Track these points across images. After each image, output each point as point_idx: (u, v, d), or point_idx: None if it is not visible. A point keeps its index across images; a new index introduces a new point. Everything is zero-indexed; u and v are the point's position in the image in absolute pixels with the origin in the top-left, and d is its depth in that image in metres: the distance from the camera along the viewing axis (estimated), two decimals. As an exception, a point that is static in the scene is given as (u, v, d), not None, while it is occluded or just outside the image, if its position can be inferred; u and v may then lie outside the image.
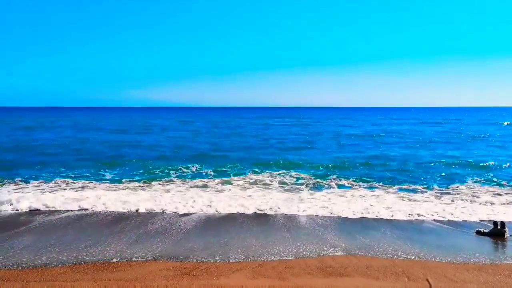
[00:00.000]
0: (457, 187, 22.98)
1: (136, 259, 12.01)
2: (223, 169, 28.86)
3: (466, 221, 16.43)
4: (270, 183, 24.01)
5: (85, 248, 12.93)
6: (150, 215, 17.16)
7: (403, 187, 22.91)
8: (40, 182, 23.76)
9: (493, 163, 29.70)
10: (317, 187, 22.88)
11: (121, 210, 18.01)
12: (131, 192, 21.38)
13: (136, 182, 24.06)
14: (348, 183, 23.76)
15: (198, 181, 24.35)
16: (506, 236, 14.31)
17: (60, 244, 13.32)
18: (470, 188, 22.69)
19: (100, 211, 17.82)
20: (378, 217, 16.98)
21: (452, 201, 19.69)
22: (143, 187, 22.79)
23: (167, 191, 21.83)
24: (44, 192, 21.04)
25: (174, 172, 27.59)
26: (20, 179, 24.63)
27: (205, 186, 23.05)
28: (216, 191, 21.87)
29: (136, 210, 17.94)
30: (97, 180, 24.49)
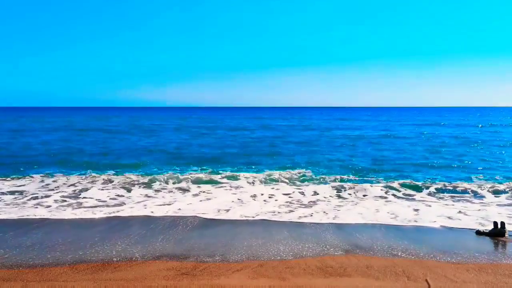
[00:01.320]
0: (460, 188, 22.96)
1: (136, 259, 12.01)
2: (230, 171, 28.85)
3: (466, 221, 16.44)
4: (278, 184, 24.04)
5: (85, 248, 12.92)
6: (151, 217, 17.20)
7: (405, 185, 22.96)
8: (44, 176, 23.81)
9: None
10: (318, 191, 22.88)
11: (127, 213, 18.04)
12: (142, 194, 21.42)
13: (138, 176, 24.13)
14: (351, 186, 23.75)
15: (205, 182, 24.43)
16: (506, 236, 14.33)
17: (61, 244, 13.32)
18: (473, 189, 22.66)
19: (102, 216, 17.85)
20: (380, 218, 16.98)
21: (453, 203, 19.73)
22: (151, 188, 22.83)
23: (183, 192, 21.91)
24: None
25: (188, 174, 27.52)
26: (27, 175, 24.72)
27: (208, 184, 23.10)
28: (226, 190, 21.92)
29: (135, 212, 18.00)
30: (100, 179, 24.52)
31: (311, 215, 17.25)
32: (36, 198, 19.95)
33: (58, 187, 22.57)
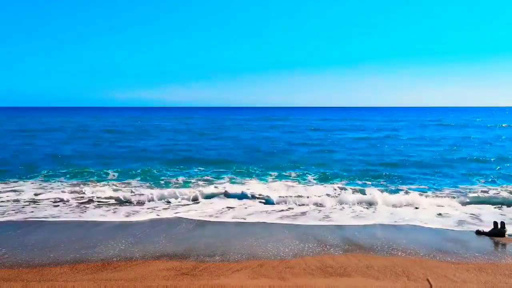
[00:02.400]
0: (461, 188, 22.94)
1: (136, 259, 12.03)
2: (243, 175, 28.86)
3: (466, 221, 16.44)
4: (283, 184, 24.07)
5: (86, 248, 12.94)
6: (151, 218, 17.25)
7: (411, 189, 22.97)
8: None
9: None
10: (320, 191, 22.82)
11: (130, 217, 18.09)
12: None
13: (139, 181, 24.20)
14: (352, 187, 23.76)
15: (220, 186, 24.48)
16: (506, 236, 14.32)
17: (62, 244, 13.35)
18: (475, 190, 22.65)
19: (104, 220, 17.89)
20: (380, 218, 16.99)
21: (453, 203, 19.71)
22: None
23: (184, 193, 21.93)
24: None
25: (190, 176, 27.46)
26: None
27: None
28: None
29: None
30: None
31: (312, 215, 17.28)
32: (36, 200, 19.97)
33: (59, 189, 22.61)
